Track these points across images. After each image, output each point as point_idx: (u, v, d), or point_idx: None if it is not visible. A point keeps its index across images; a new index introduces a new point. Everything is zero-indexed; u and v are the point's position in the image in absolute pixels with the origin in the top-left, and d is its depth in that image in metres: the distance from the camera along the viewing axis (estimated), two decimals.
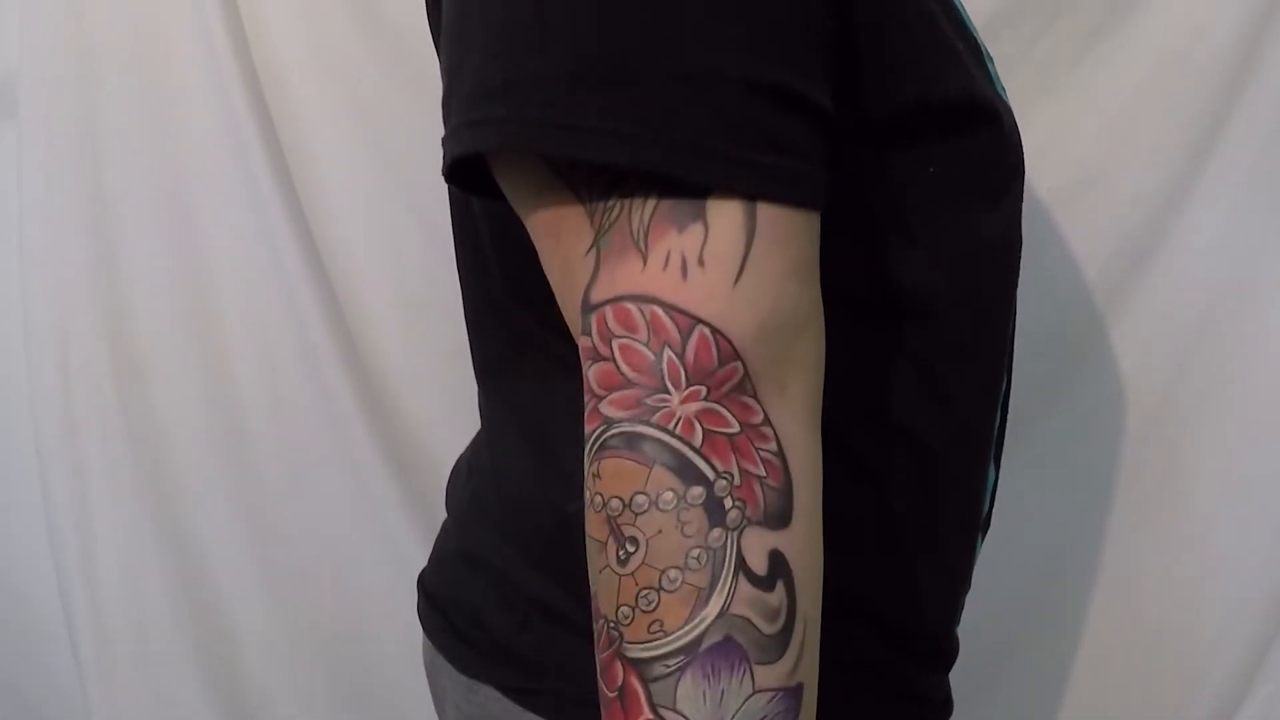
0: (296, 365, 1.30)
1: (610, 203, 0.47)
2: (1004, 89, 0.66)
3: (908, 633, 0.67)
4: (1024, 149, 0.65)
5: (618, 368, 0.46)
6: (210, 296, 1.29)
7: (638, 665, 0.46)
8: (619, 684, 0.46)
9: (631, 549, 0.46)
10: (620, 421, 0.46)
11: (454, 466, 0.82)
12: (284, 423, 1.32)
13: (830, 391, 0.51)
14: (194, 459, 1.33)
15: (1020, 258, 0.69)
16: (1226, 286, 1.23)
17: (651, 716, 0.46)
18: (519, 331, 0.67)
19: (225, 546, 1.35)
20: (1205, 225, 1.21)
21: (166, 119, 1.27)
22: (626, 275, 0.47)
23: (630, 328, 0.46)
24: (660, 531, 0.45)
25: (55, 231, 1.27)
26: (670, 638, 0.46)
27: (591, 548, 0.48)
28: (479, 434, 0.79)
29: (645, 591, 0.46)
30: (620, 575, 0.46)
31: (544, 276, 0.53)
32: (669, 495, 0.45)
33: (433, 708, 1.33)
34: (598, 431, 0.47)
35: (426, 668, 0.79)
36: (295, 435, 1.32)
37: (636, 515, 0.46)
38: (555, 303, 0.53)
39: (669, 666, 0.45)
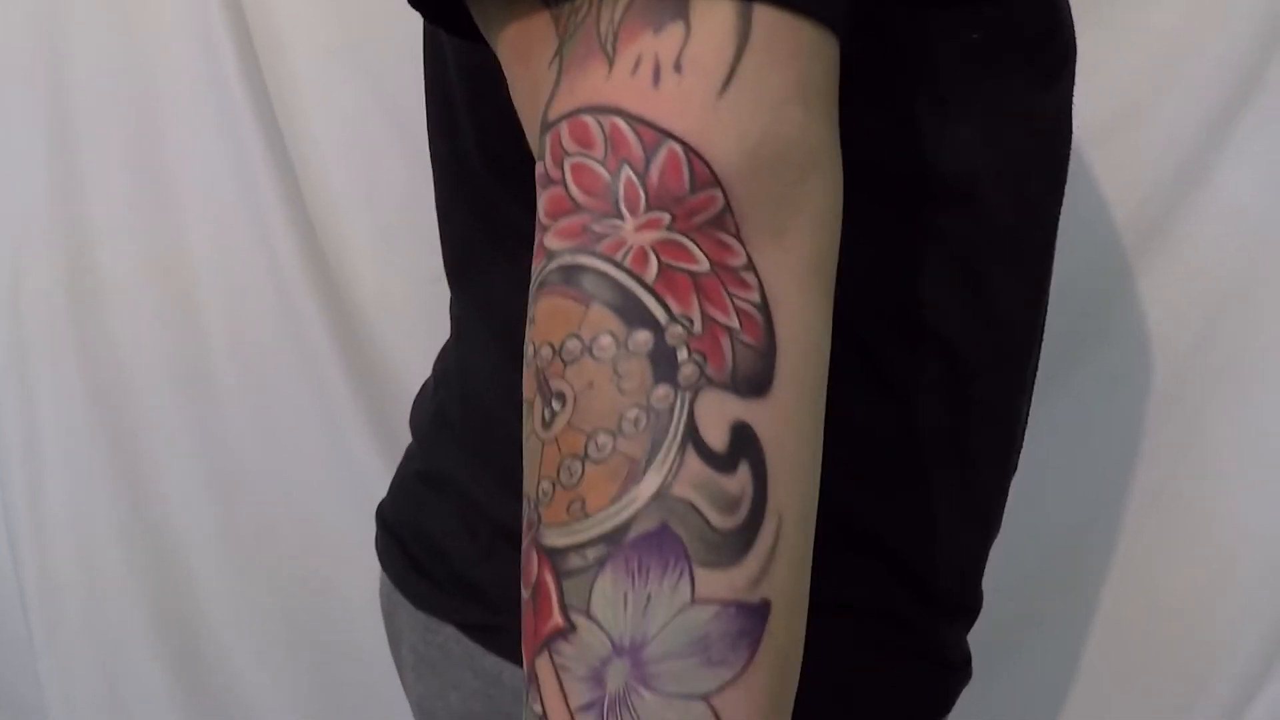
0: (265, 291, 1.24)
1: (578, 2, 0.39)
2: None
3: (929, 578, 0.59)
4: None
5: (567, 191, 0.38)
6: (175, 216, 1.23)
7: (552, 555, 0.37)
8: (531, 580, 0.38)
9: (558, 407, 0.37)
10: (561, 253, 0.38)
11: (420, 388, 0.75)
12: (250, 352, 1.25)
13: (852, 287, 0.43)
14: (152, 388, 1.26)
15: (1070, 155, 0.61)
16: (1263, 241, 1.17)
17: (561, 623, 0.37)
18: (494, 216, 0.59)
19: (182, 482, 1.29)
20: (1242, 175, 1.15)
21: (135, 27, 1.20)
22: (588, 84, 0.38)
23: (586, 144, 0.37)
24: (592, 385, 0.37)
25: (10, 142, 1.21)
26: (590, 520, 0.36)
27: (525, 413, 0.39)
28: (446, 344, 0.72)
29: (568, 461, 0.37)
30: (543, 441, 0.38)
31: (521, 142, 0.44)
32: (607, 340, 0.36)
33: (388, 669, 1.28)
34: (538, 269, 0.38)
35: (383, 607, 0.73)
36: (262, 366, 1.26)
37: (566, 364, 0.37)
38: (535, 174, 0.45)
39: (586, 559, 0.36)
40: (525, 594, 0.38)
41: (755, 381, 0.37)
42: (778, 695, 0.38)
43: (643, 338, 0.36)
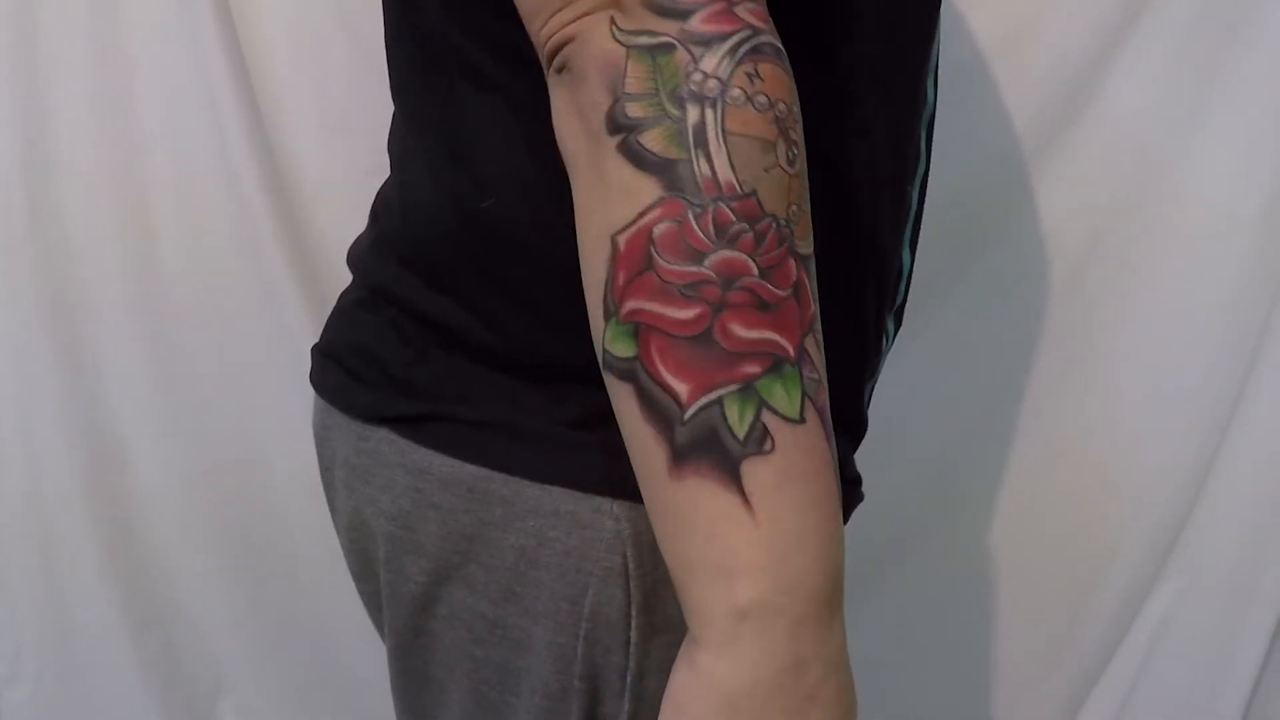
0: (213, 178, 1.27)
1: None
2: None
3: None
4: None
5: None
6: (129, 103, 1.26)
7: (805, 261, 0.49)
8: (793, 280, 0.48)
9: (795, 153, 0.48)
10: (766, 33, 0.48)
11: (355, 240, 0.80)
12: (196, 235, 1.29)
13: None
14: (98, 271, 1.29)
15: (939, 19, 0.69)
16: (1151, 150, 1.23)
17: (818, 309, 0.50)
18: (433, 43, 0.65)
19: (124, 367, 1.32)
20: (1131, 89, 1.22)
21: None
22: None
23: None
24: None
25: None
26: None
27: (753, 147, 0.48)
28: (382, 186, 0.78)
29: (805, 195, 0.49)
30: (790, 175, 0.48)
31: None
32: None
33: (322, 557, 1.30)
34: (743, 34, 0.48)
35: (316, 435, 0.76)
36: (207, 250, 1.29)
37: (795, 124, 0.49)
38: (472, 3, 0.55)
39: None
40: (783, 292, 0.48)
41: None
42: None
43: None
